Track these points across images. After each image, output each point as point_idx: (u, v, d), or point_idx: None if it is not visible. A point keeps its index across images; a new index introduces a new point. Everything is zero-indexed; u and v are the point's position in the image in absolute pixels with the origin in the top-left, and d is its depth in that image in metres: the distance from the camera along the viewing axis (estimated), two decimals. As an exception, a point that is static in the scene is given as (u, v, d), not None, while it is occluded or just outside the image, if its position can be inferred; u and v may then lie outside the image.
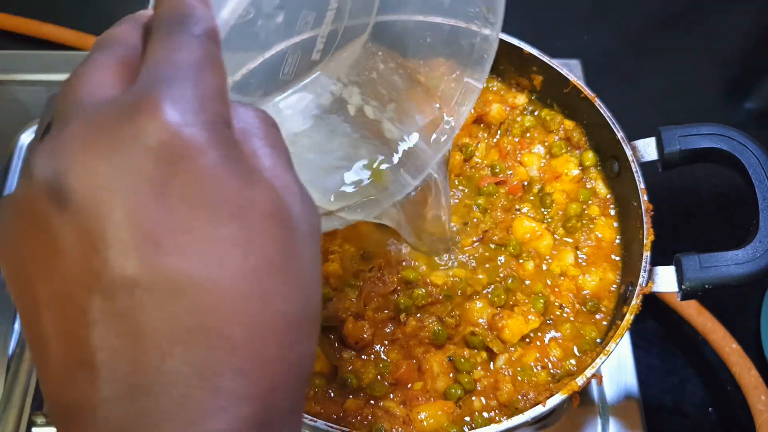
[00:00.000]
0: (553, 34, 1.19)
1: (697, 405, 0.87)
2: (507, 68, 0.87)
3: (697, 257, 0.67)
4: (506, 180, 0.78)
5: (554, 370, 0.68)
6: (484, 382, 0.67)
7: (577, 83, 0.81)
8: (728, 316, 0.88)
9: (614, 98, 0.82)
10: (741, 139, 0.70)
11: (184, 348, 0.28)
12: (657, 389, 0.86)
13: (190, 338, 0.28)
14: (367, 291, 0.70)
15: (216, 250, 0.28)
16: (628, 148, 0.75)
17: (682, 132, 0.72)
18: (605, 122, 0.78)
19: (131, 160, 0.27)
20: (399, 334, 0.69)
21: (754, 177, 0.68)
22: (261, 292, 0.29)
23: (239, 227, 0.29)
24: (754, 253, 0.66)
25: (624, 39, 1.24)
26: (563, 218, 0.77)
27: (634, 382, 0.83)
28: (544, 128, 0.83)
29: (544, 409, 0.62)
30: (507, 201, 0.77)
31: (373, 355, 0.68)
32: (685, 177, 0.84)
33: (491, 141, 0.82)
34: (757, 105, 1.16)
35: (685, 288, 0.67)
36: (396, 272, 0.71)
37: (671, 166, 0.73)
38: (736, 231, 0.70)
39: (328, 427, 0.60)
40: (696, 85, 1.17)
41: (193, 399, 0.28)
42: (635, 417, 0.81)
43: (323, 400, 0.66)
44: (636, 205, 0.74)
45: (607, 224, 0.77)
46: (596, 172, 0.81)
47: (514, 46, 0.84)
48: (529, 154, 0.81)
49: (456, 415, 0.66)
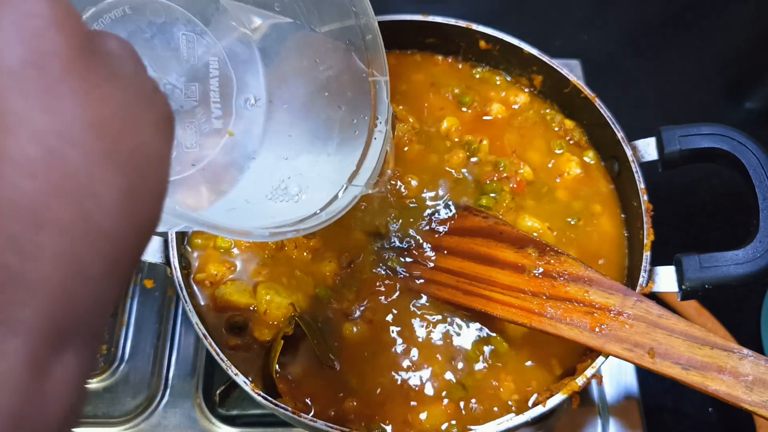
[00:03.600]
0: (553, 34, 1.19)
1: (697, 405, 0.87)
2: (507, 68, 0.87)
3: (698, 257, 0.67)
4: (509, 176, 0.78)
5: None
6: (485, 381, 0.67)
7: (577, 83, 0.81)
8: (728, 316, 0.88)
9: (614, 98, 0.82)
10: (741, 139, 0.70)
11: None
12: (657, 389, 0.86)
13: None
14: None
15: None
16: (628, 148, 0.75)
17: (683, 132, 0.72)
18: (605, 122, 0.78)
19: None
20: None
21: (754, 177, 0.68)
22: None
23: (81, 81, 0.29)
24: (754, 253, 0.66)
25: (624, 39, 1.24)
26: (565, 216, 0.77)
27: (634, 382, 0.83)
28: (545, 127, 0.83)
29: (544, 409, 0.62)
30: (510, 201, 0.77)
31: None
32: (685, 177, 0.84)
33: (493, 139, 0.82)
34: (757, 105, 1.16)
35: (686, 288, 0.67)
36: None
37: (671, 166, 0.73)
38: (736, 231, 0.70)
39: (328, 428, 0.60)
40: (696, 85, 1.17)
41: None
42: (635, 417, 0.81)
43: (323, 400, 0.66)
44: (636, 205, 0.74)
45: (608, 223, 0.77)
46: (597, 171, 0.81)
47: (515, 46, 0.84)
48: (530, 153, 0.81)
49: (456, 415, 0.66)
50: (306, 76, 0.64)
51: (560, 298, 0.64)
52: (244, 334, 0.69)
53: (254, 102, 0.61)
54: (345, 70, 0.65)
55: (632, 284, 0.70)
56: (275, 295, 0.69)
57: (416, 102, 0.84)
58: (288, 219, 0.57)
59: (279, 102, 0.62)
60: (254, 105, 0.61)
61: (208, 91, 0.57)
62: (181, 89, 0.56)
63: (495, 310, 0.66)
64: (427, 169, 0.79)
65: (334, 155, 0.64)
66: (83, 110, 0.29)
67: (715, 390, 0.58)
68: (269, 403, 0.61)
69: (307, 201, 0.60)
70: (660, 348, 0.60)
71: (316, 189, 0.61)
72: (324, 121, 0.65)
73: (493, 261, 0.68)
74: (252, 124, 0.60)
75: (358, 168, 0.63)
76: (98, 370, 0.81)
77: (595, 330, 0.62)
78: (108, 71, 0.31)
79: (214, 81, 0.58)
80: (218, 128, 0.58)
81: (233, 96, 0.59)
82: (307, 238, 0.73)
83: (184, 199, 0.55)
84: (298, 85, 0.64)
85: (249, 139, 0.60)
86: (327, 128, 0.65)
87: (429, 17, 0.86)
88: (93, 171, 0.28)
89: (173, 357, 0.83)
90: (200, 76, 0.57)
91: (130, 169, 0.30)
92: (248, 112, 0.60)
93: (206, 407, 0.79)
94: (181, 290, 0.67)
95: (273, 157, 0.61)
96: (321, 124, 0.65)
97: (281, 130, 0.62)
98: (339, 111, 0.65)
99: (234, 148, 0.59)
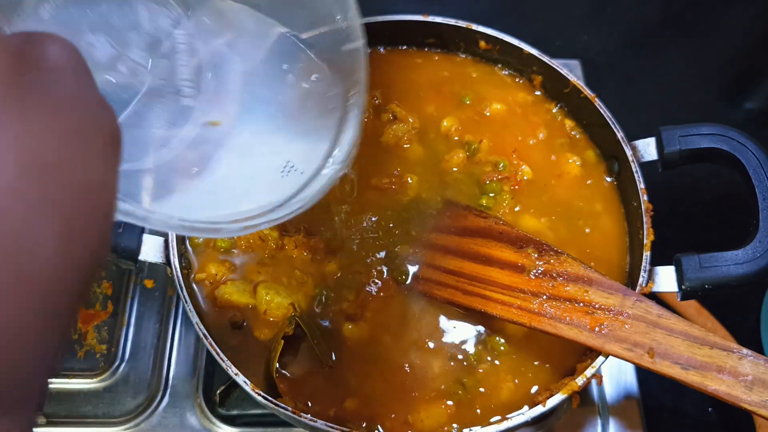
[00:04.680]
0: (553, 34, 1.19)
1: (696, 405, 0.87)
2: (507, 68, 0.87)
3: (697, 257, 0.67)
4: (509, 176, 0.78)
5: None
6: (485, 381, 0.67)
7: (577, 83, 0.81)
8: (728, 315, 0.88)
9: (614, 98, 0.82)
10: (741, 139, 0.70)
11: None
12: (657, 389, 0.86)
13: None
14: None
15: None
16: (628, 148, 0.76)
17: (682, 132, 0.72)
18: (605, 122, 0.78)
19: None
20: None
21: (754, 177, 0.68)
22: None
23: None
24: (754, 253, 0.66)
25: (624, 39, 1.24)
26: (565, 216, 0.77)
27: (634, 382, 0.83)
28: (545, 127, 0.83)
29: (544, 409, 0.62)
30: (510, 201, 0.77)
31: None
32: (685, 177, 0.84)
33: (493, 139, 0.82)
34: (757, 105, 1.16)
35: (685, 288, 0.67)
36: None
37: (671, 166, 0.73)
38: (736, 231, 0.70)
39: (328, 427, 0.60)
40: (696, 85, 1.17)
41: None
42: (635, 417, 0.81)
43: (323, 400, 0.66)
44: (636, 205, 0.74)
45: (608, 223, 0.77)
46: (597, 171, 0.81)
47: (515, 46, 0.84)
48: (530, 153, 0.81)
49: (456, 415, 0.66)
50: (279, 47, 0.60)
51: (560, 297, 0.64)
52: (244, 334, 0.69)
53: (226, 78, 0.56)
54: (319, 41, 0.60)
55: (632, 284, 0.70)
56: (275, 295, 0.69)
57: (416, 102, 0.84)
58: (264, 205, 0.53)
59: (252, 77, 0.59)
60: (226, 81, 0.56)
61: (176, 67, 0.53)
62: (146, 66, 0.51)
63: (494, 309, 0.66)
64: (426, 168, 0.79)
65: (310, 134, 0.60)
66: (16, 151, 0.25)
67: (715, 390, 0.58)
68: (269, 403, 0.61)
69: (285, 183, 0.56)
70: (659, 348, 0.60)
71: (294, 170, 0.58)
72: (299, 96, 0.61)
73: (492, 261, 0.68)
74: (224, 101, 0.56)
75: (336, 143, 0.59)
76: (98, 370, 0.82)
77: (594, 330, 0.62)
78: (44, 96, 0.27)
79: (182, 56, 0.53)
80: (189, 106, 0.54)
81: (203, 72, 0.55)
82: (307, 238, 0.73)
83: (148, 190, 0.51)
84: (271, 57, 0.60)
85: (221, 118, 0.56)
86: (302, 103, 0.61)
87: (429, 17, 0.86)
88: (30, 223, 0.25)
89: (173, 357, 0.83)
90: (166, 51, 0.53)
91: (70, 208, 0.27)
92: (220, 89, 0.56)
93: (206, 407, 0.79)
94: (181, 290, 0.67)
95: (247, 135, 0.57)
96: (296, 98, 0.61)
97: (255, 108, 0.59)
98: (313, 83, 0.61)
99: (205, 128, 0.55)
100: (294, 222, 0.74)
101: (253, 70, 0.59)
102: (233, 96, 0.58)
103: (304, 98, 0.61)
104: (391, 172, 0.78)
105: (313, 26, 0.61)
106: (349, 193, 0.75)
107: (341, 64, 0.60)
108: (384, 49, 0.89)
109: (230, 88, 0.58)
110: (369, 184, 0.77)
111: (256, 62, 0.60)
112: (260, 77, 0.60)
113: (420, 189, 0.78)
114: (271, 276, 0.72)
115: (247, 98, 0.58)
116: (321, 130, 0.60)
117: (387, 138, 0.81)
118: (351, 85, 0.59)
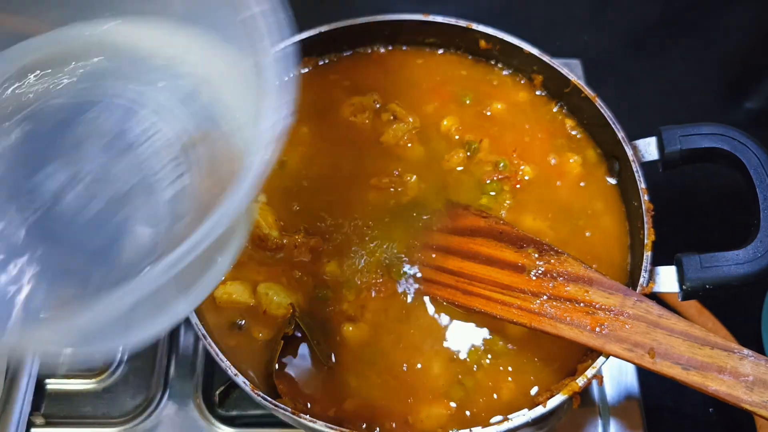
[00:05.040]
0: (553, 34, 1.19)
1: (697, 405, 0.87)
2: (508, 68, 0.87)
3: (698, 257, 0.67)
4: (510, 176, 0.78)
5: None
6: (485, 382, 0.67)
7: (578, 83, 0.81)
8: (729, 316, 0.88)
9: (614, 98, 0.82)
10: (742, 138, 0.70)
11: None
12: (657, 389, 0.86)
13: None
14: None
15: None
16: (628, 147, 0.75)
17: (683, 132, 0.72)
18: (606, 122, 0.78)
19: None
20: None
21: (754, 177, 0.68)
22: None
23: None
24: (755, 252, 0.66)
25: (624, 39, 1.24)
26: (565, 216, 0.77)
27: (634, 382, 0.83)
28: (545, 127, 0.83)
29: (545, 409, 0.62)
30: (510, 200, 0.77)
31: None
32: (685, 177, 0.84)
33: (493, 139, 0.82)
34: (757, 105, 1.16)
35: (686, 288, 0.67)
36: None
37: (672, 165, 0.73)
38: (737, 231, 0.70)
39: (328, 428, 0.60)
40: (696, 85, 1.17)
41: None
42: (636, 417, 0.81)
43: (323, 400, 0.66)
44: (637, 204, 0.74)
45: (609, 223, 0.77)
46: (598, 171, 0.81)
47: (515, 45, 0.84)
48: (530, 152, 0.81)
49: (456, 415, 0.66)
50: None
51: (560, 298, 0.64)
52: (244, 335, 0.69)
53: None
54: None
55: (633, 284, 0.70)
56: (275, 295, 0.69)
57: (416, 102, 0.84)
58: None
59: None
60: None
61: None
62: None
63: (495, 310, 0.66)
64: (427, 168, 0.79)
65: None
66: None
67: (716, 390, 0.58)
68: (269, 404, 0.61)
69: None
70: (660, 348, 0.60)
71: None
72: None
73: (492, 261, 0.68)
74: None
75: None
76: (98, 371, 0.81)
77: (595, 330, 0.62)
78: None
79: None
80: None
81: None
82: (307, 238, 0.73)
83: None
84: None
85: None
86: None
87: (429, 17, 0.86)
88: None
89: (173, 357, 0.83)
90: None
91: None
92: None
93: (206, 407, 0.79)
94: (180, 290, 0.67)
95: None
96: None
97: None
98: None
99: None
100: (294, 222, 0.74)
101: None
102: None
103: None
104: (391, 172, 0.78)
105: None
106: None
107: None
108: (384, 48, 0.89)
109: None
110: (369, 184, 0.77)
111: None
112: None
113: (420, 189, 0.78)
114: (271, 276, 0.71)
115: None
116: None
117: (387, 138, 0.80)
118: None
